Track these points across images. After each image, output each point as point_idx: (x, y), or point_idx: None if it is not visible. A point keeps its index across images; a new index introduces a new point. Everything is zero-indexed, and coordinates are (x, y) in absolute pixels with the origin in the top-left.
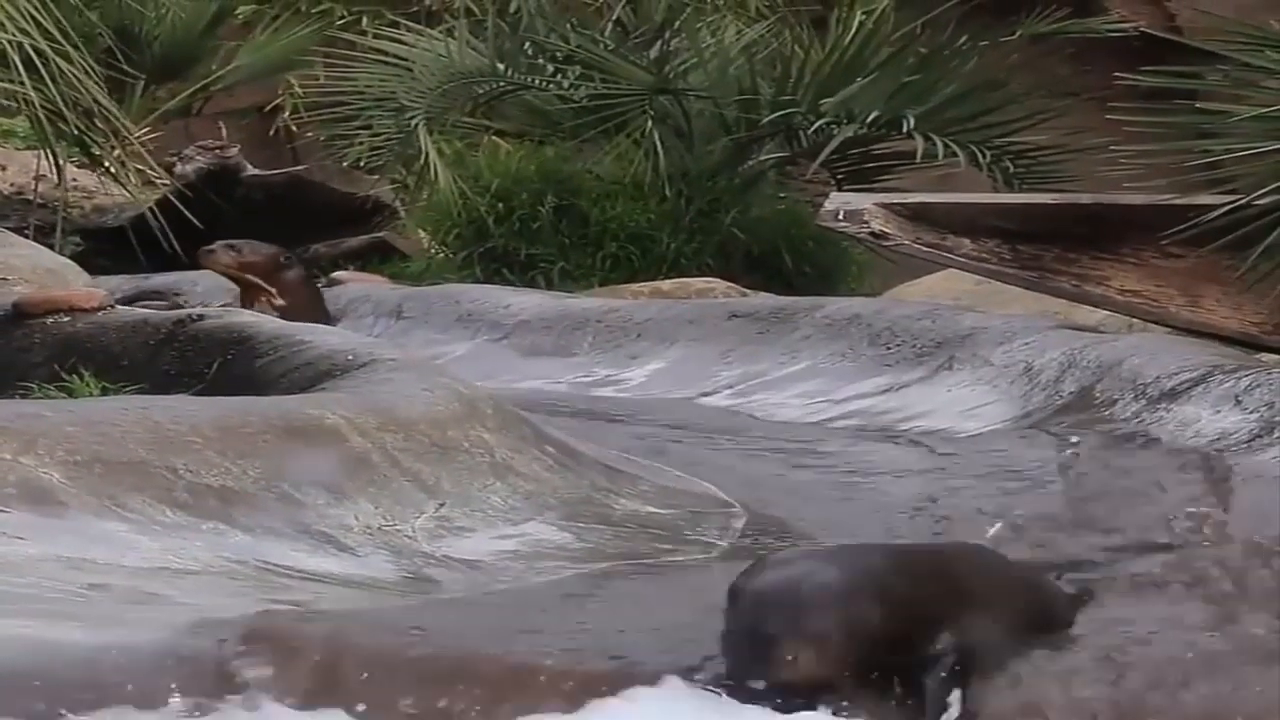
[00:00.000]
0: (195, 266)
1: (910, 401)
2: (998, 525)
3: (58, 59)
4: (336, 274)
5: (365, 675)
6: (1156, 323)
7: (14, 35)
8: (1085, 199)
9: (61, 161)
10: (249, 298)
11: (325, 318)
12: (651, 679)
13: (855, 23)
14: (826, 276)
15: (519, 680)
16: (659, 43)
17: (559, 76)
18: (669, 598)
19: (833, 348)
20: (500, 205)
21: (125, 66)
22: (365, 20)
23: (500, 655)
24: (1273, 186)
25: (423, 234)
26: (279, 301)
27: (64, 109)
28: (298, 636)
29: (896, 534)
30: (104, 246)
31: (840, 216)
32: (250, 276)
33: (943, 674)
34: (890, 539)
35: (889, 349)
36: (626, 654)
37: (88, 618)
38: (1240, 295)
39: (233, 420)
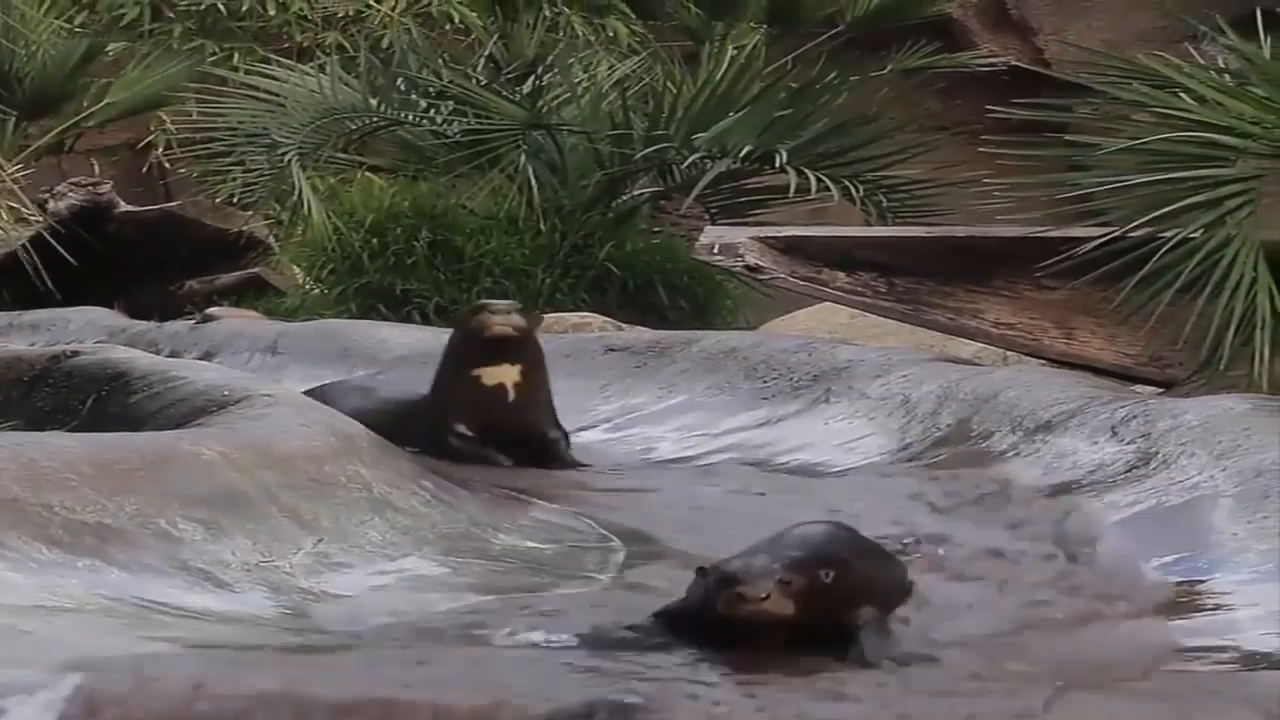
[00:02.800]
0: (69, 303)
1: (787, 434)
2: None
3: None
4: (211, 310)
5: None
6: (1031, 355)
7: None
8: (959, 232)
9: None
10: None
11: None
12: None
13: (727, 58)
14: (702, 311)
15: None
16: (531, 78)
17: (432, 112)
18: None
19: (709, 381)
20: (375, 241)
21: None
22: (237, 56)
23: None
24: (1144, 219)
25: (297, 270)
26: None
27: None
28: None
29: None
30: None
31: (715, 250)
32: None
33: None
34: None
35: (765, 382)
36: (501, 690)
37: None
38: (1114, 327)
39: (109, 457)
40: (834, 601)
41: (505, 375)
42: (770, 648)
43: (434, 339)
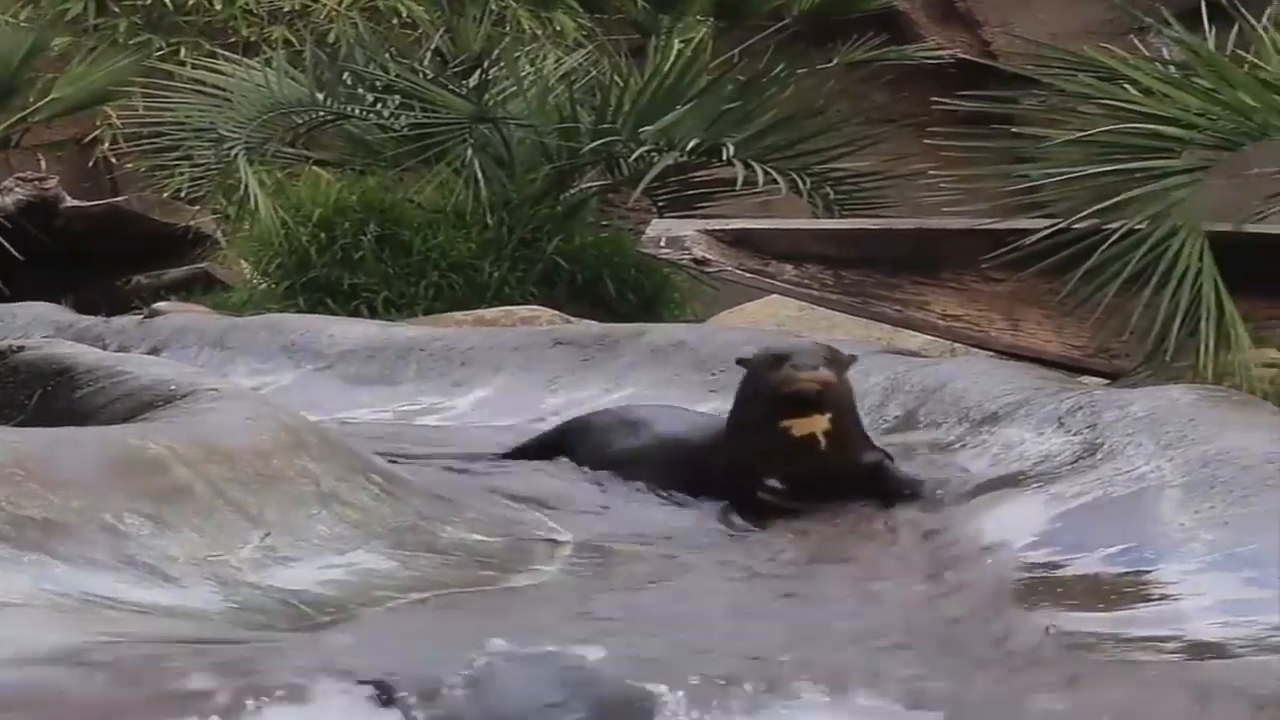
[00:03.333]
0: (15, 298)
1: None
2: None
3: None
4: (158, 305)
5: None
6: (978, 347)
7: None
8: (906, 224)
9: None
10: None
11: None
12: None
13: (674, 51)
14: (650, 304)
15: None
16: (478, 72)
17: (379, 106)
18: (494, 626)
19: (657, 374)
20: (322, 235)
21: None
22: (183, 51)
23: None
24: (1090, 210)
25: (245, 264)
26: None
27: None
28: None
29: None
30: None
31: (662, 243)
32: None
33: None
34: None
35: (714, 375)
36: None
37: None
38: (1061, 319)
39: (54, 452)
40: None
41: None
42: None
43: (381, 333)
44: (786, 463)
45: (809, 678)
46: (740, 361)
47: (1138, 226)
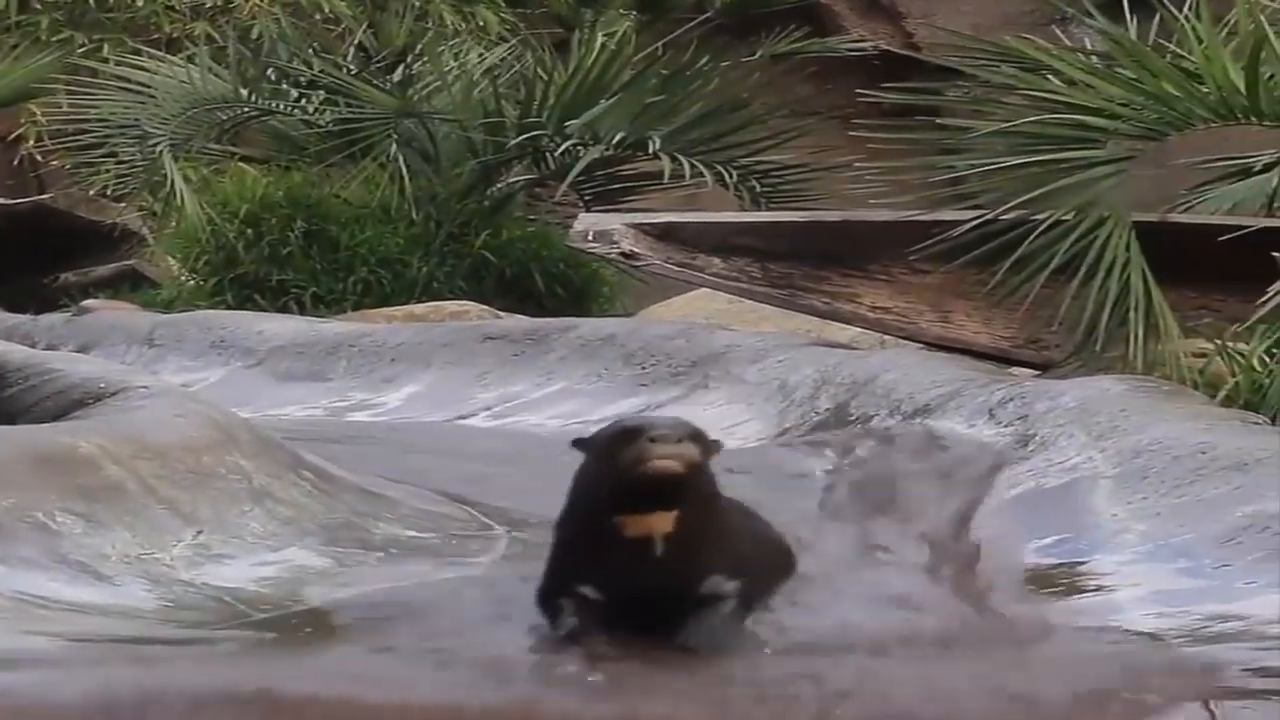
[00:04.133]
0: None
1: None
2: None
3: None
4: (86, 302)
5: None
6: (908, 339)
7: None
8: (833, 216)
9: None
10: None
11: None
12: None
13: (597, 45)
14: (579, 298)
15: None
16: (402, 67)
17: (303, 101)
18: (431, 620)
19: (588, 368)
20: (249, 231)
21: None
22: (107, 48)
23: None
24: (1017, 201)
25: (172, 261)
26: None
27: None
28: None
29: None
30: None
31: (590, 237)
32: None
33: None
34: None
35: (644, 369)
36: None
37: None
38: (990, 310)
39: None
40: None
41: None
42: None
43: (310, 329)
44: (609, 567)
45: None
46: (577, 444)
47: (1064, 217)
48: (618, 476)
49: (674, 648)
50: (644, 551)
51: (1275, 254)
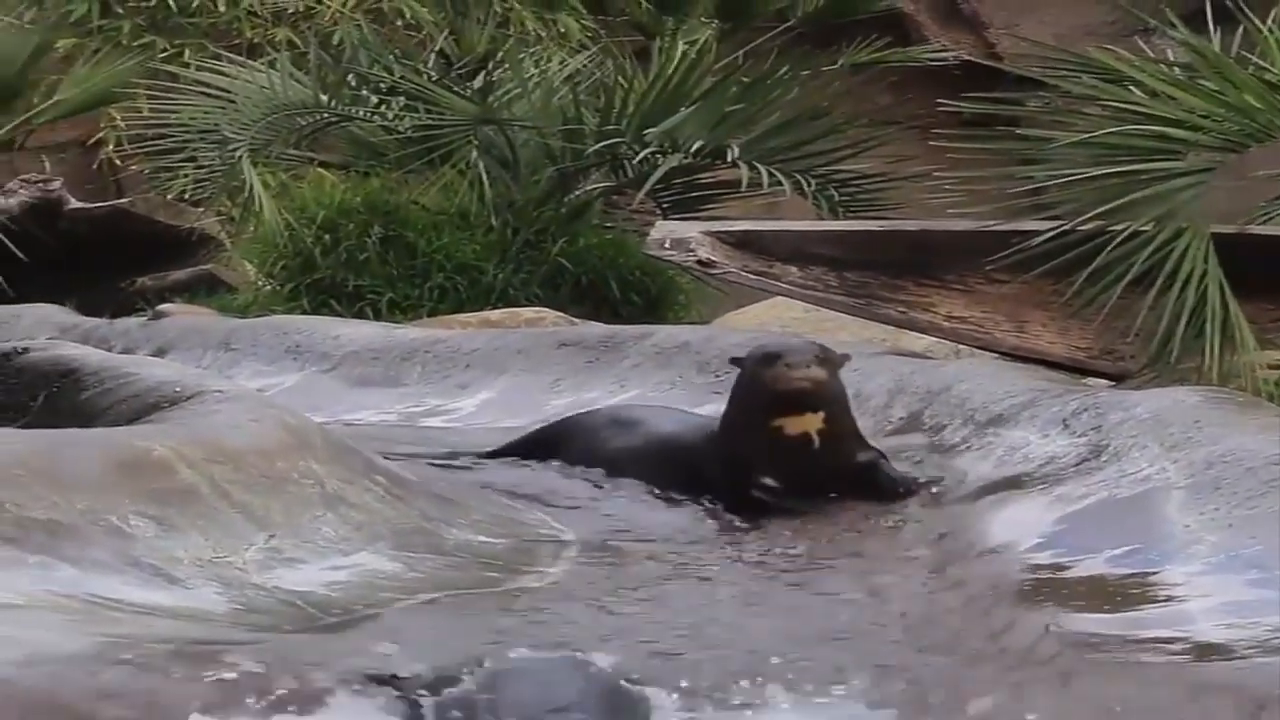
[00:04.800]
0: (20, 300)
1: None
2: None
3: None
4: (162, 307)
5: None
6: (983, 348)
7: None
8: (910, 226)
9: None
10: None
11: None
12: None
13: (678, 53)
14: (654, 305)
15: None
16: (482, 73)
17: (383, 107)
18: (501, 628)
19: (662, 376)
20: (327, 237)
21: None
22: (188, 53)
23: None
24: (1096, 212)
25: (249, 266)
26: None
27: None
28: None
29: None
30: None
31: (667, 245)
32: None
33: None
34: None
35: (718, 376)
36: None
37: None
38: (1065, 320)
39: (59, 453)
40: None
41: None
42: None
43: (385, 335)
44: (781, 461)
45: (807, 677)
46: (734, 361)
47: (1143, 228)
48: (767, 392)
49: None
50: (805, 444)
51: None
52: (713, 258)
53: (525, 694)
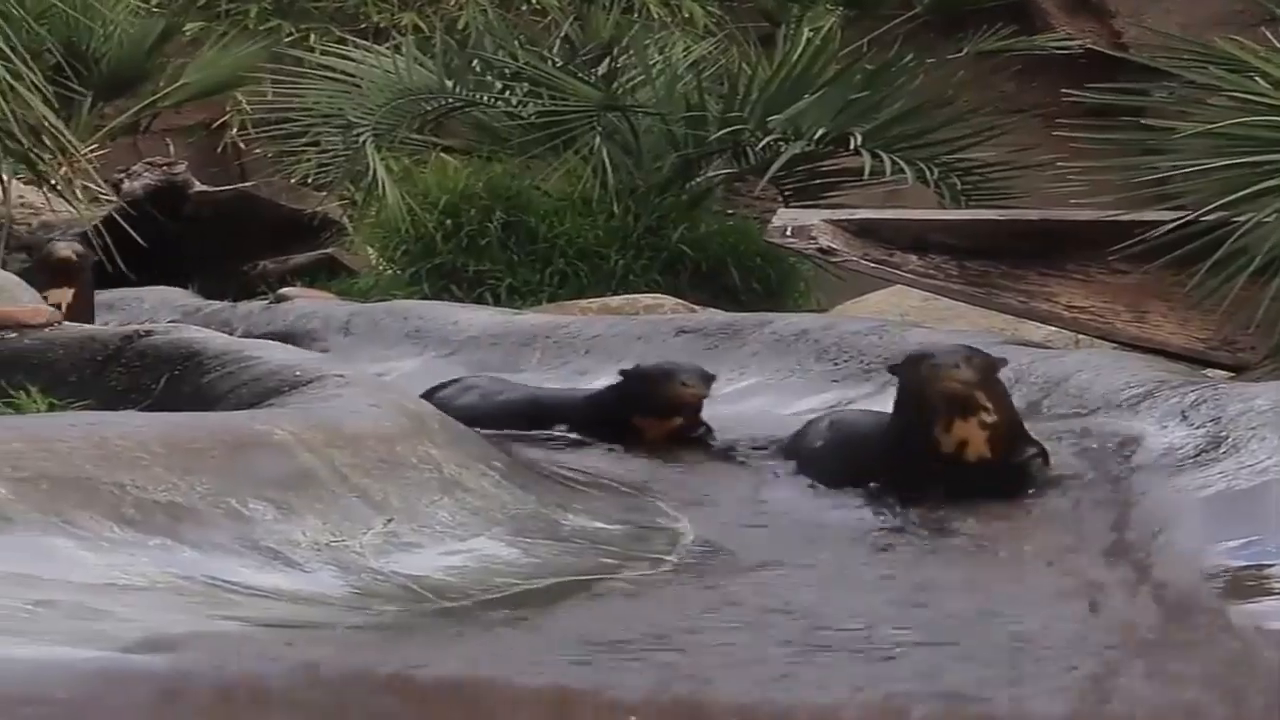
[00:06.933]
0: (143, 283)
1: None
2: None
3: (6, 76)
4: (284, 290)
5: None
6: (1103, 338)
7: None
8: (1032, 215)
9: (7, 178)
10: None
11: None
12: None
13: (803, 40)
14: (774, 293)
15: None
16: (607, 59)
17: (507, 93)
18: (617, 614)
19: (781, 363)
20: (448, 222)
21: (73, 83)
22: (313, 37)
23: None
24: (1219, 203)
25: (370, 250)
26: None
27: (11, 126)
28: None
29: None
30: None
31: (788, 233)
32: None
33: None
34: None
35: (836, 365)
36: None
37: (33, 634)
38: (1186, 311)
39: (180, 436)
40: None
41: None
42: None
43: (505, 320)
44: (942, 465)
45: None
46: (891, 369)
47: (1266, 219)
48: (920, 394)
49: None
50: (968, 446)
51: None
52: (834, 246)
53: None
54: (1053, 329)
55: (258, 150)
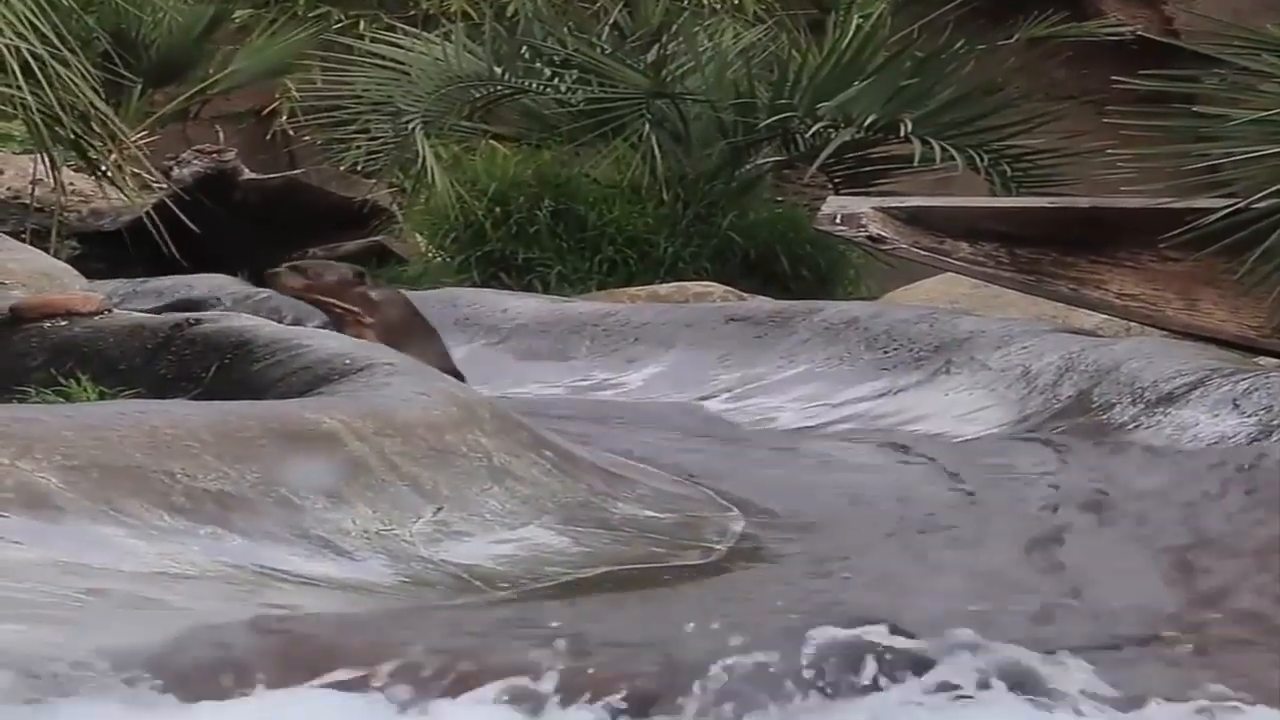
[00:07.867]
0: (191, 270)
1: (907, 405)
2: None
3: (55, 63)
4: None
5: None
6: (1154, 326)
7: (11, 40)
8: (1083, 202)
9: (58, 165)
10: (337, 322)
11: (428, 335)
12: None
13: (852, 26)
14: (824, 280)
15: None
16: (656, 46)
17: (556, 80)
18: (667, 603)
19: (830, 351)
20: (497, 209)
21: (122, 70)
22: (362, 24)
23: None
24: (1271, 190)
25: (420, 238)
26: (368, 320)
27: (61, 113)
28: None
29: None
30: (100, 250)
31: (837, 220)
32: (324, 298)
33: None
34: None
35: (886, 353)
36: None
37: (84, 622)
38: (1238, 299)
39: (230, 424)
40: None
41: None
42: None
43: (554, 308)
44: None
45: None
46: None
47: None
48: None
49: None
50: None
51: None
52: (883, 233)
53: None
54: (1103, 317)
55: (307, 137)
